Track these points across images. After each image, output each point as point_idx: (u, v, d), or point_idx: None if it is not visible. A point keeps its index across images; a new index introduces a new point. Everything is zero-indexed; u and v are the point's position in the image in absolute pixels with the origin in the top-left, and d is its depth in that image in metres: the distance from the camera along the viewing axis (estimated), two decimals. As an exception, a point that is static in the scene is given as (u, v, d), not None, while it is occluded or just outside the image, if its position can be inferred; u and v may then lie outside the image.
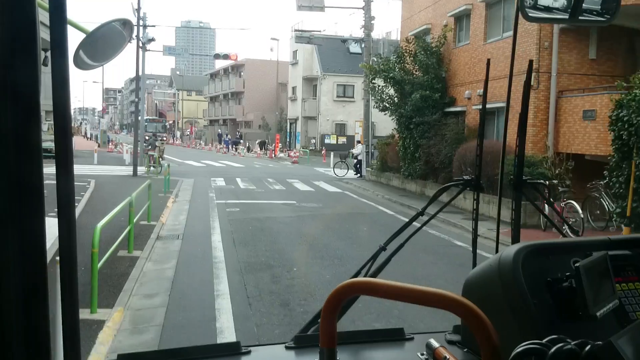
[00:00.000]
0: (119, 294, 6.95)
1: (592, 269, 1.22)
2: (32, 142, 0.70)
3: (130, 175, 22.77)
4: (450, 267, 9.18)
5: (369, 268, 1.95)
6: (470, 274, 1.44)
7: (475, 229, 2.12)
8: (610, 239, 1.47)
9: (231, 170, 29.19)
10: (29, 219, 0.71)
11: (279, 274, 8.29)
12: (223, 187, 20.58)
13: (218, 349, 1.43)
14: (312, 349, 1.38)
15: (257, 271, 8.40)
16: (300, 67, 50.58)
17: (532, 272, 1.29)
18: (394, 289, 0.90)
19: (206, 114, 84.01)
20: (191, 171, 28.10)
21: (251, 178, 24.43)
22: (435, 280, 8.11)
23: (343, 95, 48.98)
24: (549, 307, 1.26)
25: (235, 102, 70.68)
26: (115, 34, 1.99)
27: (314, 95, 50.06)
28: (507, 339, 1.01)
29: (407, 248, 1.98)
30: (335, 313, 1.00)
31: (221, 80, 75.96)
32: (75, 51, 1.84)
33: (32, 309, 0.71)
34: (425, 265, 9.10)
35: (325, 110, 48.59)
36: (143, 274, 8.05)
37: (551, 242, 1.44)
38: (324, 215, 14.78)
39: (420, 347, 1.37)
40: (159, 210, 13.49)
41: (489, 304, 1.21)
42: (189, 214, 13.96)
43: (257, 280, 7.90)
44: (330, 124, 48.90)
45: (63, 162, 0.73)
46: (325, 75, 48.13)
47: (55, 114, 0.72)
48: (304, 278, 8.14)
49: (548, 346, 0.88)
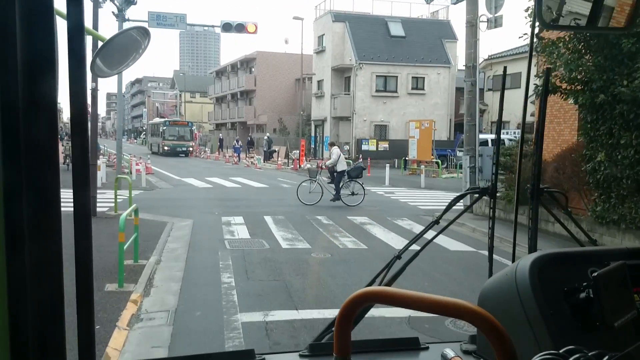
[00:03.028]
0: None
1: (610, 278, 1.20)
2: (51, 154, 0.71)
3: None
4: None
5: (384, 277, 1.94)
6: (487, 283, 1.43)
7: (492, 237, 2.10)
8: (629, 248, 1.43)
9: (251, 196, 19.32)
10: (46, 231, 0.71)
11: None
12: (247, 244, 10.73)
13: (232, 356, 1.46)
14: (326, 357, 1.36)
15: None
16: (329, 55, 40.70)
17: (549, 282, 1.27)
18: (409, 298, 0.89)
19: (212, 117, 74.37)
20: (190, 198, 18.24)
21: (288, 214, 14.56)
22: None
23: (384, 89, 39.06)
24: (566, 317, 1.24)
25: (245, 103, 61.06)
26: (132, 42, 2.01)
27: (346, 90, 40.12)
28: (523, 349, 1.01)
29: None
30: (349, 321, 0.99)
31: (228, 78, 66.33)
32: (93, 59, 1.86)
33: (49, 315, 0.71)
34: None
35: (361, 108, 38.69)
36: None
37: (569, 251, 1.43)
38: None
39: (436, 357, 1.38)
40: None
41: (506, 314, 1.24)
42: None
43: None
44: (368, 125, 38.97)
45: (80, 169, 0.73)
46: (362, 64, 38.21)
47: (72, 122, 0.71)
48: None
49: (565, 357, 0.88)
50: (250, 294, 7.36)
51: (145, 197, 18.35)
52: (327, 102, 41.09)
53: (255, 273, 8.43)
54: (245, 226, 12.69)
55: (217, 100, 71.89)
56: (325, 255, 9.72)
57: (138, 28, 2.05)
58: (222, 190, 21.41)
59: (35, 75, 0.69)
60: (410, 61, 39.00)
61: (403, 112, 38.89)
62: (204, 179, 25.41)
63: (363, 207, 16.59)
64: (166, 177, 27.02)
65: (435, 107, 39.27)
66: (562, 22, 1.71)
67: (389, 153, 36.58)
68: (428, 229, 2.03)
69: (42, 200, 0.70)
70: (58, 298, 0.72)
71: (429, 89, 39.51)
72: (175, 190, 21.50)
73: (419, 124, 31.87)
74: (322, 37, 41.97)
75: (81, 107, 0.73)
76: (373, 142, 37.81)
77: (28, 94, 0.68)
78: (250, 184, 24.04)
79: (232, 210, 15.13)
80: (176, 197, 19.07)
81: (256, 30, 21.14)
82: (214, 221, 13.41)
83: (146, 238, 11.12)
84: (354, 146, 38.03)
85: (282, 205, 16.36)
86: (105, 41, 1.93)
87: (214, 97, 72.45)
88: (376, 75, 38.72)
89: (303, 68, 40.16)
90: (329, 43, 40.61)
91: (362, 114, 38.74)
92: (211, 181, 24.74)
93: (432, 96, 39.53)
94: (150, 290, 7.49)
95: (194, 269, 8.65)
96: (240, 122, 61.40)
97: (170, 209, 15.35)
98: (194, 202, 17.36)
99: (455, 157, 33.70)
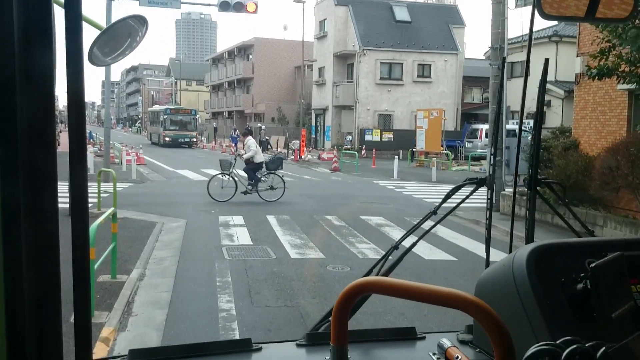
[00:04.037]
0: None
1: (608, 269, 1.19)
2: (47, 134, 0.71)
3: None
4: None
5: (381, 267, 1.96)
6: (484, 273, 1.43)
7: (489, 228, 2.10)
8: (626, 239, 1.42)
9: (250, 190, 17.61)
10: (43, 212, 0.70)
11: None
12: (249, 252, 9.08)
13: (230, 345, 1.44)
14: (323, 346, 1.35)
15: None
16: (331, 41, 38.84)
17: (546, 273, 1.27)
18: (406, 288, 0.89)
19: (208, 106, 72.44)
20: (184, 193, 16.57)
21: (293, 213, 12.91)
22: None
23: (388, 76, 37.29)
24: (563, 308, 1.24)
25: (242, 91, 59.24)
26: (130, 31, 2.00)
27: (349, 78, 38.32)
28: (520, 339, 1.01)
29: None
30: (346, 311, 1.00)
31: (225, 65, 64.43)
32: (90, 47, 1.86)
33: (45, 306, 0.71)
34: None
35: (364, 97, 36.93)
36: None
37: (566, 242, 1.42)
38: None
39: (432, 347, 1.38)
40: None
41: (502, 304, 1.24)
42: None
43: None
44: (372, 115, 37.24)
45: (77, 158, 0.73)
46: (366, 50, 36.40)
47: (69, 111, 0.72)
48: None
49: (562, 347, 0.88)
50: (256, 326, 5.72)
51: (134, 192, 16.66)
52: (328, 90, 39.29)
53: (260, 295, 6.78)
54: (246, 228, 11.04)
55: (214, 88, 69.98)
56: (343, 269, 8.06)
57: (135, 16, 2.01)
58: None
59: (33, 62, 0.68)
60: (416, 47, 37.17)
61: (408, 101, 37.13)
62: (200, 171, 23.71)
63: (376, 205, 14.94)
64: (159, 169, 25.29)
65: (442, 96, 37.51)
66: (562, 12, 1.71)
67: (394, 144, 34.87)
68: (426, 219, 2.03)
69: (38, 179, 0.69)
70: (55, 279, 0.71)
71: (435, 76, 37.73)
72: (168, 184, 19.81)
73: (427, 113, 30.13)
74: (323, 22, 40.08)
75: (79, 97, 0.72)
76: (377, 132, 36.07)
77: (24, 71, 0.67)
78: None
79: (230, 208, 13.46)
80: (168, 191, 17.38)
81: (256, 10, 19.27)
82: (209, 221, 11.75)
83: (130, 242, 9.50)
84: (357, 136, 36.31)
85: (285, 203, 14.72)
86: (103, 30, 1.97)
87: (211, 85, 70.54)
88: (380, 62, 36.89)
89: (304, 55, 38.32)
90: (331, 28, 38.73)
91: (365, 103, 36.97)
92: (207, 173, 22.97)
93: (438, 84, 37.76)
94: (127, 322, 5.83)
95: (184, 289, 7.00)
96: (237, 111, 59.62)
97: (161, 206, 13.68)
98: (188, 197, 15.68)
99: (464, 149, 32.05)
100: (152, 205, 13.80)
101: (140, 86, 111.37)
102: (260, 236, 10.31)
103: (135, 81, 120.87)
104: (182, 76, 79.60)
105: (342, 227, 11.42)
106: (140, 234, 10.30)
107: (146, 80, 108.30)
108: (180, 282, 7.26)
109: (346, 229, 11.29)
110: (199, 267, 8.05)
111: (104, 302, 6.33)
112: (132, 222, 11.52)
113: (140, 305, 6.39)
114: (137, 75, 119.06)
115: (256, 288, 7.04)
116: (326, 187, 19.65)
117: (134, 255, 8.69)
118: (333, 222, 12.03)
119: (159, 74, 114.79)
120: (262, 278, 7.49)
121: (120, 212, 12.28)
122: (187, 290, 6.98)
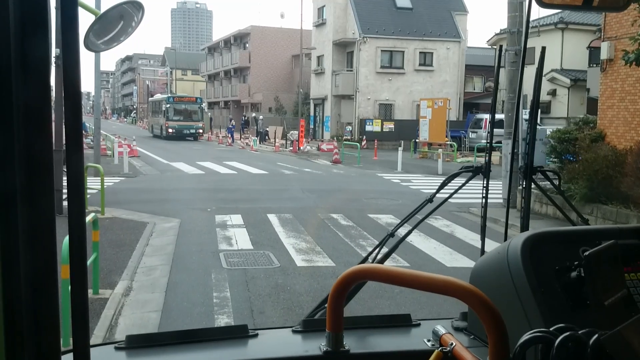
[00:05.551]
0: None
1: (602, 258, 1.18)
2: (44, 122, 0.71)
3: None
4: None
5: (377, 254, 1.98)
6: (479, 261, 1.42)
7: (484, 216, 2.07)
8: (620, 228, 1.42)
9: (249, 185, 16.64)
10: (39, 196, 0.70)
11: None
12: (249, 260, 8.14)
13: (226, 331, 1.43)
14: (319, 333, 1.33)
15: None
16: (330, 28, 37.72)
17: (540, 260, 1.26)
18: (401, 275, 0.89)
19: (204, 96, 71.20)
20: (178, 189, 15.58)
21: (296, 211, 11.97)
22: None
23: (389, 65, 36.23)
24: (557, 295, 1.22)
25: (239, 80, 58.13)
26: (126, 16, 1.98)
27: (348, 67, 37.25)
28: (514, 326, 1.01)
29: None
30: (342, 298, 0.99)
31: (221, 54, 63.20)
32: (86, 33, 1.85)
33: (42, 290, 0.71)
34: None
35: (365, 86, 35.89)
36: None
37: (560, 230, 1.40)
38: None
39: (427, 334, 1.37)
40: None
41: (497, 292, 1.23)
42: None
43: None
44: (372, 104, 36.21)
45: (74, 147, 0.73)
46: (366, 38, 35.31)
47: (65, 97, 0.71)
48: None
49: (555, 334, 0.88)
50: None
51: (126, 187, 15.69)
52: (327, 79, 38.21)
53: (264, 315, 5.85)
54: (246, 229, 10.09)
55: (210, 77, 68.80)
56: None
57: (131, 2, 1.99)
58: (215, 177, 18.74)
59: (28, 46, 0.68)
60: (417, 35, 36.06)
61: (410, 90, 36.09)
62: (195, 164, 22.71)
63: (384, 200, 14.00)
64: (153, 161, 24.29)
65: (444, 85, 36.49)
66: (559, 0, 1.72)
67: (395, 134, 33.92)
68: (421, 208, 2.05)
69: (34, 163, 0.70)
70: (51, 264, 0.72)
71: (437, 65, 36.68)
72: (162, 178, 18.83)
73: (431, 102, 29.12)
74: (322, 9, 38.93)
75: (74, 83, 0.71)
76: (377, 122, 35.06)
77: (20, 60, 0.68)
78: (246, 169, 21.35)
79: (228, 206, 12.50)
80: (162, 186, 16.39)
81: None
82: (205, 222, 10.79)
83: (117, 247, 8.57)
84: (357, 127, 35.31)
85: (287, 199, 13.75)
86: (99, 15, 1.95)
87: (206, 74, 69.31)
88: (381, 50, 35.78)
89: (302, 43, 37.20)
90: (330, 15, 37.58)
91: (365, 92, 35.91)
92: (203, 166, 22.04)
93: (440, 73, 36.71)
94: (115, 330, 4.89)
95: (175, 308, 6.06)
96: (233, 101, 58.53)
97: (153, 203, 12.72)
98: (183, 193, 14.71)
99: (468, 139, 31.09)
100: (143, 202, 12.84)
101: (135, 76, 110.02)
102: (261, 239, 9.37)
103: (130, 71, 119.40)
104: (178, 66, 78.21)
105: (350, 228, 10.48)
106: (128, 236, 9.35)
107: (141, 69, 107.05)
108: (172, 299, 6.31)
109: (354, 229, 10.35)
110: (193, 279, 7.10)
111: (82, 325, 5.39)
112: (121, 222, 10.57)
113: (125, 330, 5.44)
114: (132, 65, 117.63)
115: (259, 306, 6.11)
116: (328, 181, 18.68)
117: (120, 263, 7.75)
118: (340, 221, 11.09)
119: (154, 64, 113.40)
120: (266, 293, 6.55)
121: (109, 211, 11.35)
122: (178, 309, 6.03)
